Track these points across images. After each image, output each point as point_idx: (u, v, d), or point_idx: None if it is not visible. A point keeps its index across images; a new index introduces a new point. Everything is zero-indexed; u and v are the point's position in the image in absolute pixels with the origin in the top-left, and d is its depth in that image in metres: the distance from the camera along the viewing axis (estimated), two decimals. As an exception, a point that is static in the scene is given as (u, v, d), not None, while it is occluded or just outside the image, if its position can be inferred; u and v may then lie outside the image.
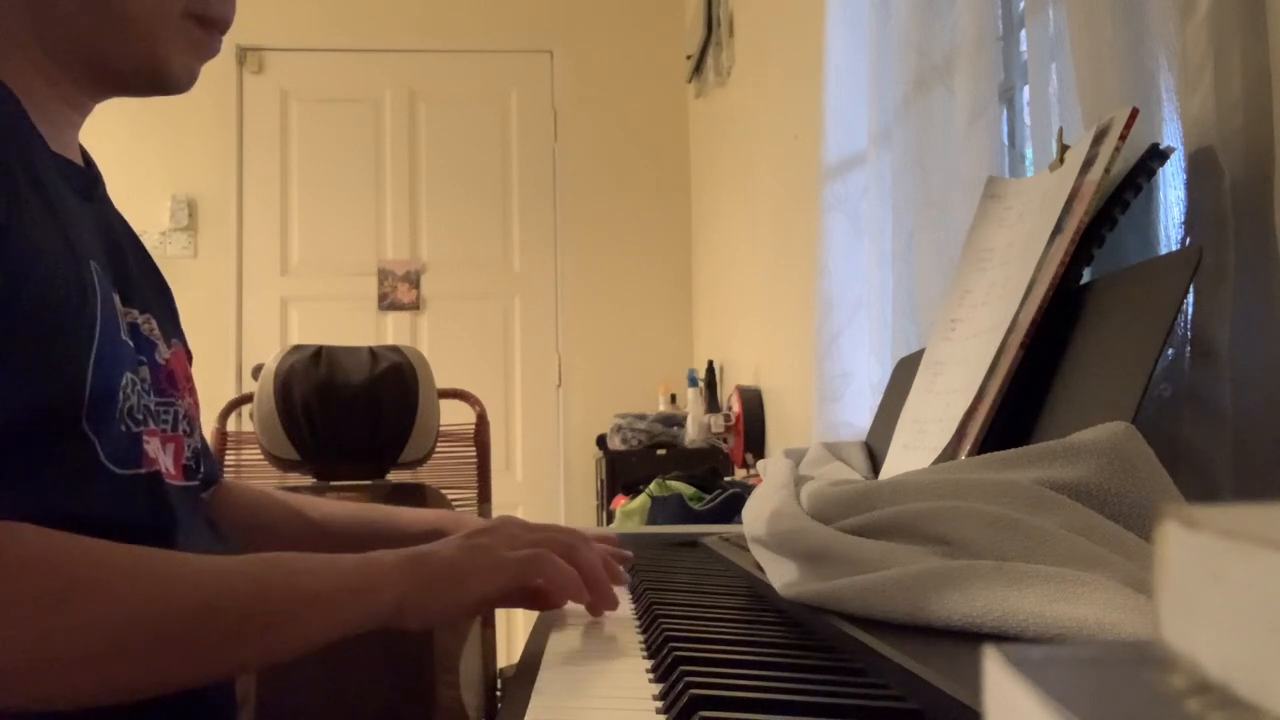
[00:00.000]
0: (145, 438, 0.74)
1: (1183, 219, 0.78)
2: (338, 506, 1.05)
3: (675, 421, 3.26)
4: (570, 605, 0.77)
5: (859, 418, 1.61)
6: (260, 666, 0.64)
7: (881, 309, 1.48)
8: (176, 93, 0.80)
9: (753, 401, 2.68)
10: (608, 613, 0.77)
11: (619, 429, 3.26)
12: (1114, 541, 0.54)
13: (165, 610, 0.62)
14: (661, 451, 3.12)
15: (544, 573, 0.72)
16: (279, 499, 1.06)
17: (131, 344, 0.76)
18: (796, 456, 1.17)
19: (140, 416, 0.74)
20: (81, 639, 0.59)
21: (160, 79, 0.79)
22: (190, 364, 0.91)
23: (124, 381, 0.72)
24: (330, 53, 3.89)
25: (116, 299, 0.75)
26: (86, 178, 0.81)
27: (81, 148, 0.84)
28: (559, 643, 0.68)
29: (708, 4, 3.22)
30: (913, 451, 0.94)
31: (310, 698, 1.45)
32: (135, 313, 0.79)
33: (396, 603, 0.67)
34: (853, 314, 1.68)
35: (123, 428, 0.71)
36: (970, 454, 0.81)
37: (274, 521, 1.03)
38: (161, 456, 0.77)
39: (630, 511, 2.04)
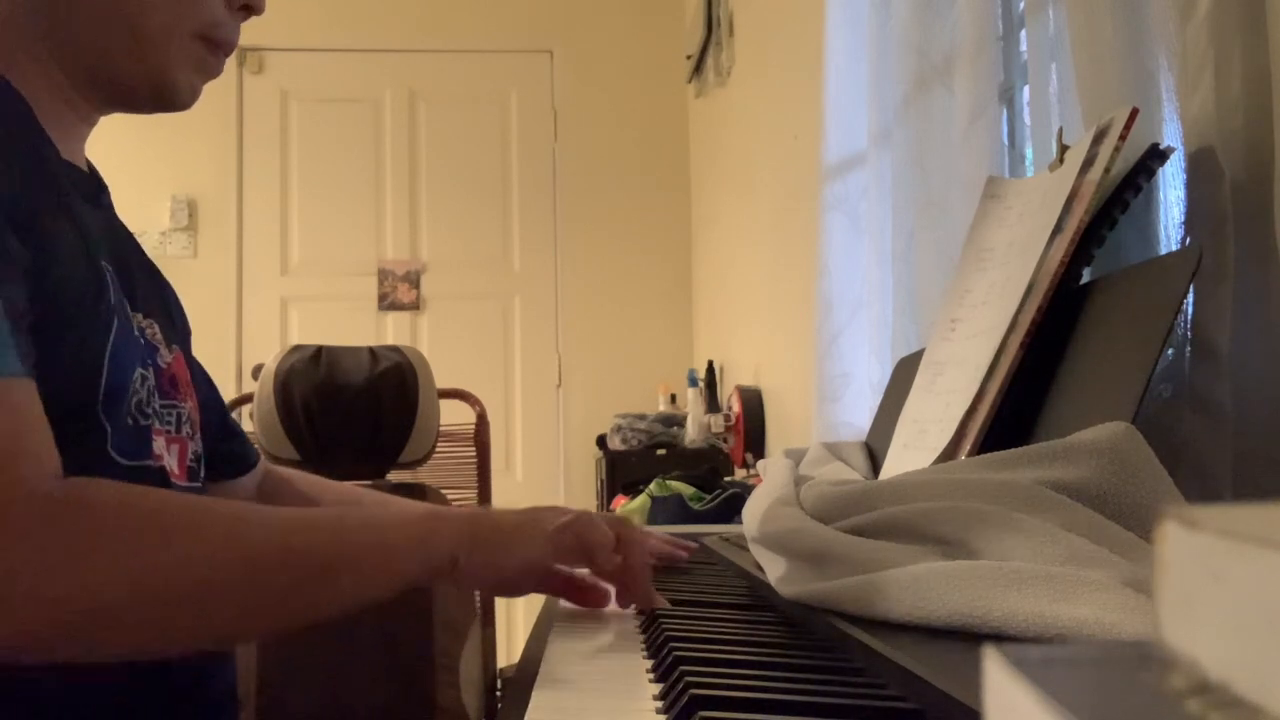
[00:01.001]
0: (153, 435, 0.76)
1: (1183, 219, 0.78)
2: (328, 488, 1.06)
3: (675, 421, 3.26)
4: (573, 608, 0.77)
5: (859, 418, 1.61)
6: (325, 616, 0.67)
7: (881, 309, 1.48)
8: (179, 109, 0.82)
9: (753, 401, 2.68)
10: (607, 612, 0.77)
11: (619, 429, 3.25)
12: (1114, 541, 0.54)
13: (247, 552, 0.64)
14: (661, 451, 3.12)
15: (583, 531, 0.74)
16: (291, 482, 1.07)
17: (142, 342, 0.78)
18: (796, 456, 1.17)
19: (148, 413, 0.76)
20: (178, 574, 0.61)
21: (166, 96, 0.80)
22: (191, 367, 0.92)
23: (135, 376, 0.74)
24: (330, 53, 3.88)
25: (125, 301, 0.76)
26: (93, 185, 0.83)
27: (85, 158, 0.85)
28: (559, 643, 0.68)
29: (708, 4, 3.22)
30: (913, 451, 0.94)
31: (310, 698, 1.45)
32: (140, 317, 0.81)
33: (451, 557, 0.69)
34: (853, 314, 1.68)
35: (130, 421, 0.73)
36: (970, 454, 0.81)
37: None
38: (167, 455, 0.79)
39: (630, 511, 2.04)
